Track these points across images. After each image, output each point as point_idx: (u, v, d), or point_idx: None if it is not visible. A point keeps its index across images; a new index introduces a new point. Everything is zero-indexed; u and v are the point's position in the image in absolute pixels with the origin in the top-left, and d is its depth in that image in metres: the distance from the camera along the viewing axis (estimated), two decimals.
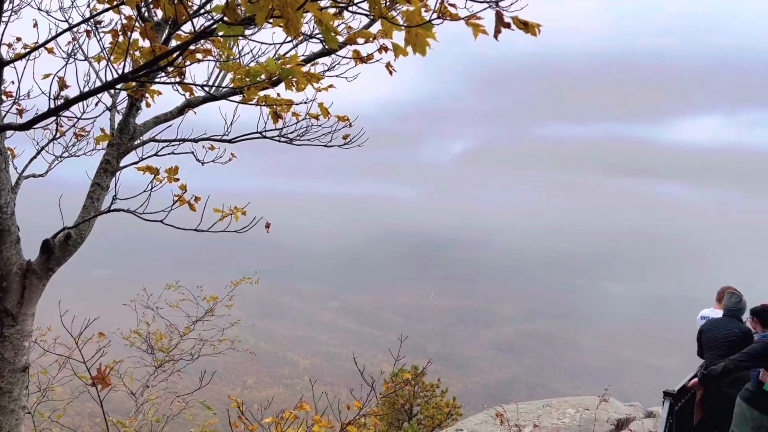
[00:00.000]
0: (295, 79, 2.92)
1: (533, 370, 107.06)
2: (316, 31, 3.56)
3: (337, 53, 3.82)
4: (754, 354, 6.11)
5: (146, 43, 3.01)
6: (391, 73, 3.25)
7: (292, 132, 4.26)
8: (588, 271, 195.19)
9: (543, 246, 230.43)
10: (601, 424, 9.15)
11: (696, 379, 6.68)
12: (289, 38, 3.63)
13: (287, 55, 3.60)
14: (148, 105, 4.03)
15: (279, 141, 4.27)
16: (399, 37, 2.44)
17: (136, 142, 4.24)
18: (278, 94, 3.61)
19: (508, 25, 2.17)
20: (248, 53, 4.32)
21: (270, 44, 3.68)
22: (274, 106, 3.48)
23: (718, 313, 7.54)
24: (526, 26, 2.19)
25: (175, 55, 2.75)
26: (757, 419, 6.04)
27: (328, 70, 4.18)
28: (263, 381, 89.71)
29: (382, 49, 2.96)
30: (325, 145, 4.30)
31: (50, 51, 4.39)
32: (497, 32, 2.16)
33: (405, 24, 2.30)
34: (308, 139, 4.32)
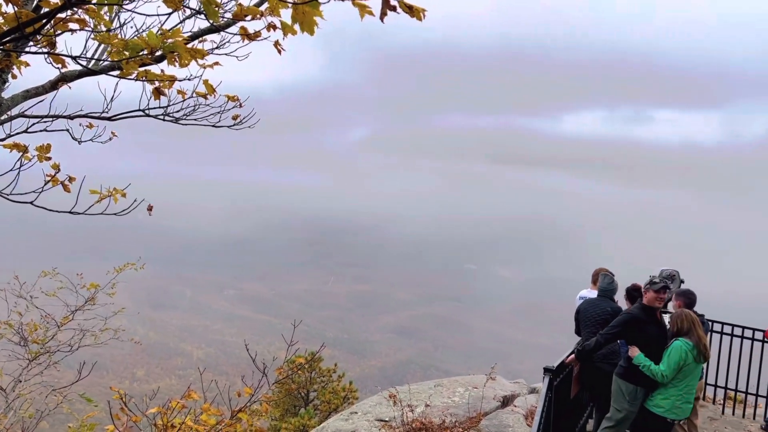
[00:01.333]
0: (177, 54, 2.80)
1: (427, 352, 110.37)
2: None
3: (225, 30, 3.70)
4: (617, 325, 6.65)
5: (10, 9, 2.77)
6: (279, 52, 3.18)
7: (177, 111, 4.08)
8: (480, 256, 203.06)
9: (439, 232, 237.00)
10: (488, 401, 9.57)
11: (573, 356, 7.15)
12: (175, 12, 3.48)
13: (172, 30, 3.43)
14: (14, 77, 3.71)
15: (164, 119, 4.08)
16: (287, 15, 2.39)
17: (2, 117, 3.90)
18: (162, 71, 3.45)
19: (393, 8, 2.19)
20: (132, 26, 4.09)
21: (155, 16, 3.51)
22: (156, 82, 3.32)
23: (594, 294, 8.10)
24: (411, 10, 2.22)
25: (43, 23, 2.55)
26: (631, 392, 6.58)
27: (216, 47, 4.03)
28: (154, 373, 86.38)
29: (270, 27, 2.90)
30: (213, 125, 4.16)
31: None
32: (383, 14, 2.18)
33: (291, 1, 2.27)
34: (195, 119, 4.15)
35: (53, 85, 3.93)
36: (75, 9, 2.93)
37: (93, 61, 3.83)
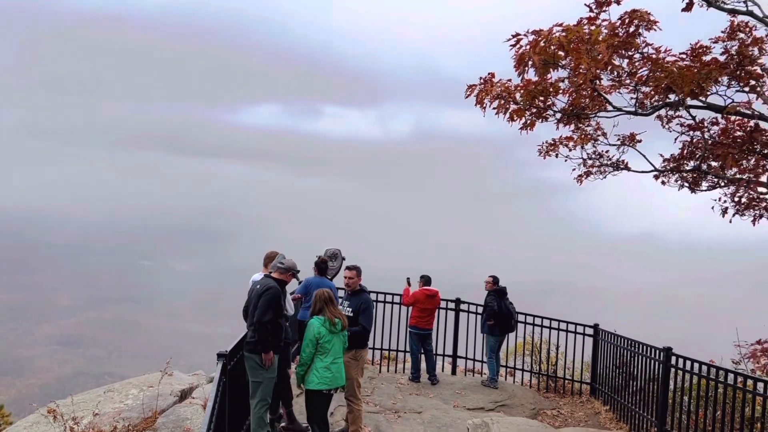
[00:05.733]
0: None
1: (100, 360, 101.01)
2: None
3: None
4: (274, 301, 7.06)
5: None
6: None
7: None
8: (156, 251, 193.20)
9: (109, 227, 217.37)
10: (165, 398, 9.23)
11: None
12: None
13: None
14: None
15: None
16: None
17: None
18: None
19: None
20: None
21: None
22: None
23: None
24: None
25: None
26: (251, 358, 7.02)
27: None
28: None
29: None
30: None
31: None
32: None
33: None
34: None
35: None
36: None
37: None
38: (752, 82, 8.68)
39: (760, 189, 9.80)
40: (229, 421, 6.57)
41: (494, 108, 8.21)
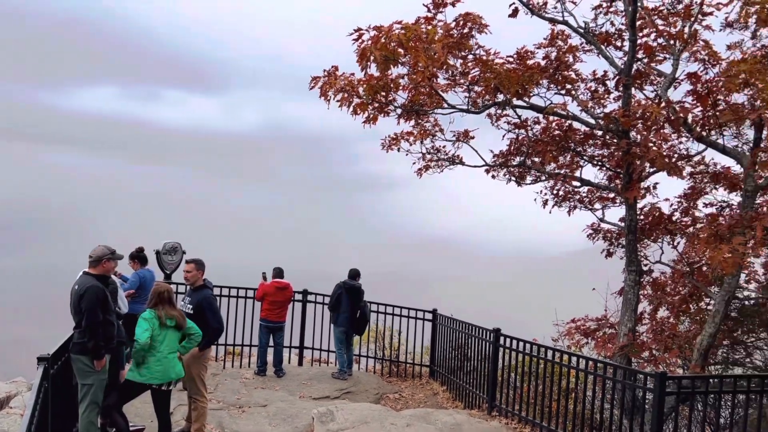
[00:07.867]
0: None
1: None
2: None
3: None
4: (96, 301, 6.49)
5: None
6: None
7: None
8: None
9: None
10: None
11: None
12: None
13: None
14: None
15: None
16: None
17: None
18: None
19: None
20: None
21: None
22: None
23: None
24: None
25: None
26: (80, 360, 6.54)
27: None
28: None
29: None
30: None
31: None
32: None
33: None
34: None
35: None
36: None
37: None
38: (568, 86, 9.67)
39: (575, 183, 10.96)
40: (53, 428, 6.07)
41: (338, 101, 8.33)
